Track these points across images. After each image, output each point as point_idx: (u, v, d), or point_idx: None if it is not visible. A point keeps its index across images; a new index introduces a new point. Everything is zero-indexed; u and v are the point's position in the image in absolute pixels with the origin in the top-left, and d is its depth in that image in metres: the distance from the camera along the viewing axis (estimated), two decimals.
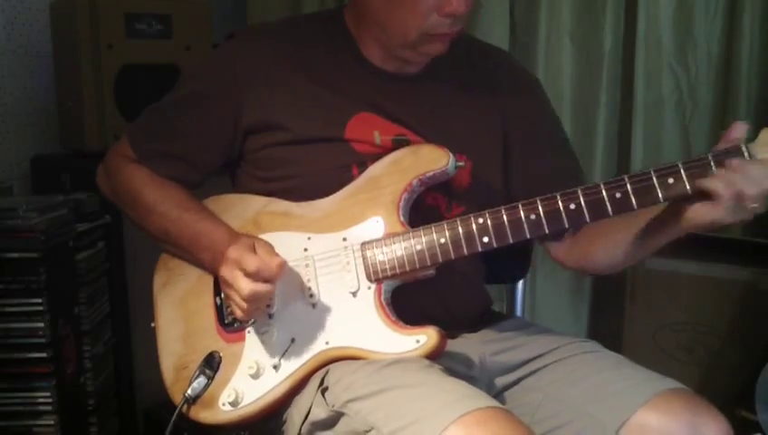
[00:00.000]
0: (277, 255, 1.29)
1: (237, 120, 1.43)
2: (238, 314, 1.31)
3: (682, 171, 1.19)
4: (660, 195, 1.20)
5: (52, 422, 1.83)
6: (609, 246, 1.41)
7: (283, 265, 1.27)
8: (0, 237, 1.78)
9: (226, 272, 1.29)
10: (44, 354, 1.81)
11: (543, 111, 1.57)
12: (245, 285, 1.25)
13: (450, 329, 1.39)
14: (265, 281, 1.26)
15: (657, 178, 1.20)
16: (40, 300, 1.80)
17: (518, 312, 1.85)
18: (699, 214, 1.19)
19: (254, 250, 1.29)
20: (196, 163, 1.47)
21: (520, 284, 1.85)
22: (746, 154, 1.16)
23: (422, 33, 1.34)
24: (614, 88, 2.45)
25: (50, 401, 1.83)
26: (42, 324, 1.80)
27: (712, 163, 1.17)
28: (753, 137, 1.18)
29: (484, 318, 1.53)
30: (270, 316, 1.34)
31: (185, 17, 2.30)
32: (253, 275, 1.25)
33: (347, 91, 1.43)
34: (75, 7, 2.15)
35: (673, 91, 2.39)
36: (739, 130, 1.19)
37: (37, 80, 2.42)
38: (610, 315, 2.48)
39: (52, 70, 2.36)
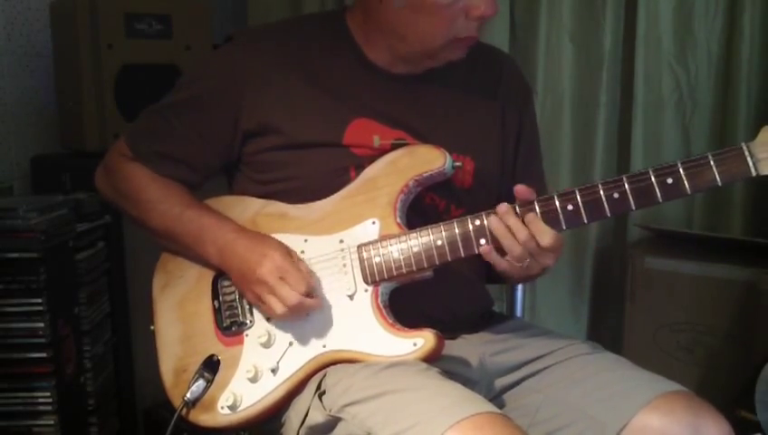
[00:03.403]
0: (312, 274, 1.31)
1: (236, 122, 1.42)
2: (272, 316, 1.32)
3: (681, 171, 1.19)
4: (659, 196, 1.20)
5: (52, 422, 1.83)
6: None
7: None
8: (0, 237, 1.78)
9: (269, 276, 1.29)
10: (44, 354, 1.81)
11: (531, 120, 1.59)
12: (294, 297, 1.27)
13: (450, 330, 1.40)
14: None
15: (656, 177, 1.20)
16: (40, 300, 1.80)
17: (518, 312, 1.85)
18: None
19: (291, 257, 1.31)
20: (196, 165, 1.47)
21: (520, 284, 1.85)
22: (747, 153, 1.16)
23: (449, 39, 1.34)
24: (614, 88, 2.45)
25: (50, 401, 1.82)
26: (42, 324, 1.80)
27: (712, 163, 1.17)
28: (753, 136, 1.18)
29: (484, 319, 1.53)
30: (268, 320, 1.34)
31: (185, 17, 2.30)
32: (299, 292, 1.27)
33: (347, 94, 1.42)
34: (75, 7, 2.15)
35: (673, 91, 2.38)
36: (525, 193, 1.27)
37: (37, 80, 2.41)
38: (610, 315, 2.48)
39: (52, 70, 2.35)
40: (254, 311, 1.36)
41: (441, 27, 1.33)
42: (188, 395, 1.34)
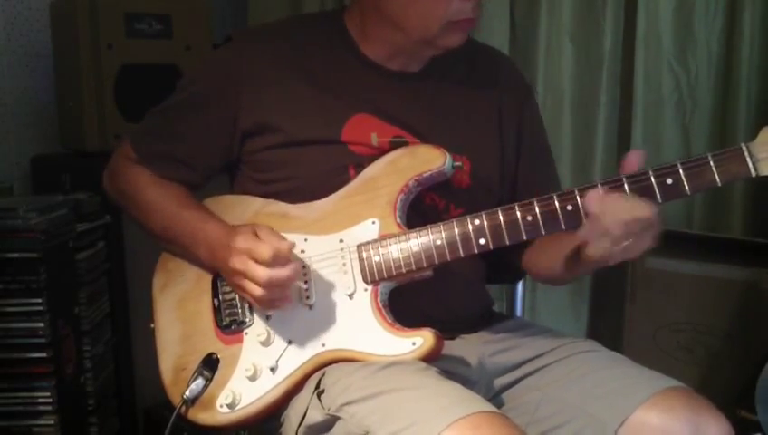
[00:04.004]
0: (282, 237, 1.28)
1: (236, 122, 1.43)
2: (259, 304, 1.30)
3: (681, 171, 1.18)
4: (659, 196, 1.19)
5: (52, 422, 1.83)
6: (550, 259, 1.42)
7: (293, 245, 1.27)
8: (0, 237, 1.79)
9: (237, 263, 1.28)
10: (44, 354, 1.81)
11: (534, 119, 1.58)
12: (262, 273, 1.25)
13: (450, 330, 1.40)
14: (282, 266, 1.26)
15: (656, 178, 1.19)
16: (40, 300, 1.80)
17: (518, 312, 1.85)
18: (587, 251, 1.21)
19: (257, 236, 1.29)
20: (196, 165, 1.48)
21: (520, 284, 1.85)
22: (746, 154, 1.16)
23: (445, 22, 1.34)
24: (614, 88, 2.45)
25: (50, 401, 1.83)
26: (42, 324, 1.81)
27: (711, 163, 1.17)
28: (753, 136, 1.18)
29: (483, 318, 1.53)
30: (267, 318, 1.34)
31: (185, 17, 2.30)
32: (267, 263, 1.24)
33: (345, 91, 1.42)
34: (75, 7, 2.15)
35: (673, 91, 2.39)
36: (635, 158, 1.20)
37: (37, 80, 2.42)
38: (610, 315, 2.48)
39: (52, 70, 2.36)
40: (254, 310, 1.36)
41: (436, 10, 1.33)
42: (188, 393, 1.33)
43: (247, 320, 1.36)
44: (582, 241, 1.20)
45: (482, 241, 1.27)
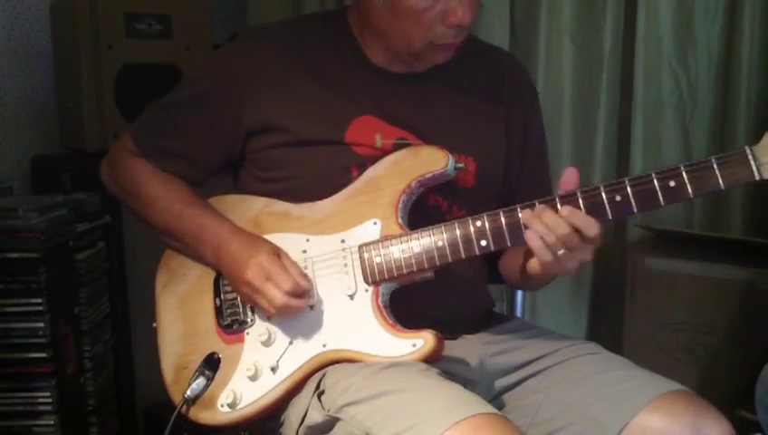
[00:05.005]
0: (305, 275, 1.31)
1: (239, 121, 1.43)
2: (269, 314, 1.32)
3: (684, 174, 1.18)
4: (661, 199, 1.19)
5: (52, 422, 1.83)
6: (512, 267, 1.46)
7: (311, 285, 1.31)
8: (0, 237, 1.78)
9: (255, 279, 1.29)
10: (44, 354, 1.82)
11: (538, 123, 1.58)
12: (280, 298, 1.27)
13: (450, 330, 1.40)
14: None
15: (658, 180, 1.19)
16: (40, 300, 1.80)
17: (518, 312, 1.85)
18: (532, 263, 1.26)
19: (279, 258, 1.30)
20: (198, 162, 1.48)
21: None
22: (750, 157, 1.16)
23: (426, 43, 1.34)
24: (614, 88, 2.45)
25: (50, 401, 1.83)
26: (42, 324, 1.81)
27: (715, 166, 1.17)
28: (753, 136, 1.18)
29: (484, 319, 1.53)
30: (268, 318, 1.34)
31: (185, 17, 2.31)
32: (284, 292, 1.27)
33: (350, 92, 1.42)
34: (75, 7, 2.15)
35: (673, 92, 2.38)
36: (570, 176, 1.22)
37: (37, 80, 2.42)
38: (610, 315, 2.48)
39: (52, 70, 2.36)
40: (255, 309, 1.36)
41: (418, 31, 1.33)
42: (189, 392, 1.34)
43: (249, 320, 1.36)
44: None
45: (483, 243, 1.27)
